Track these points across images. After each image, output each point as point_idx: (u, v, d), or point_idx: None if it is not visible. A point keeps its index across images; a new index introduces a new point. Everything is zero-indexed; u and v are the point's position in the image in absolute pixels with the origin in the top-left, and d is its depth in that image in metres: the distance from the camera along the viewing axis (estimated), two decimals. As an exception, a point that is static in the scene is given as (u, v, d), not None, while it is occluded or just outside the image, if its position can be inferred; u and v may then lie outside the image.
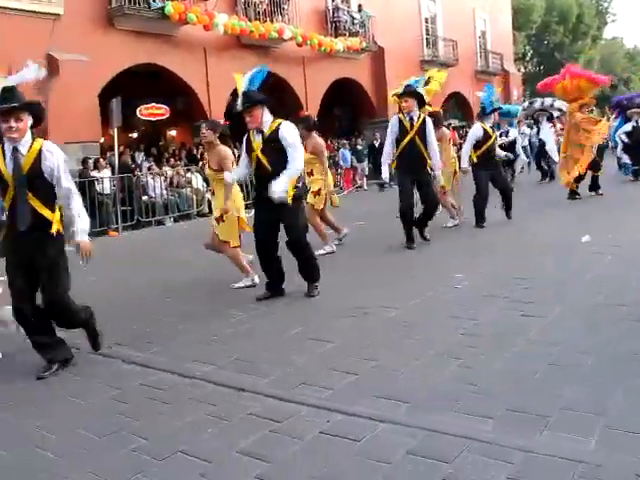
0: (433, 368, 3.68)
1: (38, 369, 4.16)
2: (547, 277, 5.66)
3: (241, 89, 5.53)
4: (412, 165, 7.62)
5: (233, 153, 6.66)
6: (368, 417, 3.08)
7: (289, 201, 5.40)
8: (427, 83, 10.68)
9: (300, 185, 5.82)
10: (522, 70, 42.38)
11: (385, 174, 7.95)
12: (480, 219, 9.01)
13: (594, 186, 11.74)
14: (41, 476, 2.80)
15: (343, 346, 4.22)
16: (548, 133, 15.99)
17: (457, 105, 29.77)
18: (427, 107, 9.32)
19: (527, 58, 46.92)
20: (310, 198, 7.73)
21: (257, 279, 6.22)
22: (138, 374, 4.06)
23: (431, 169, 7.75)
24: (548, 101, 17.06)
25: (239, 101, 5.50)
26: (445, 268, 6.41)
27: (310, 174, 7.83)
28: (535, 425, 2.86)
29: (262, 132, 5.45)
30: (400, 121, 7.71)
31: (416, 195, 7.95)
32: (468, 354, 3.85)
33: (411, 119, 7.64)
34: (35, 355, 4.29)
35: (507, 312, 4.70)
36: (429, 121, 7.75)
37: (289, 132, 5.42)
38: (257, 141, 5.50)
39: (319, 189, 7.84)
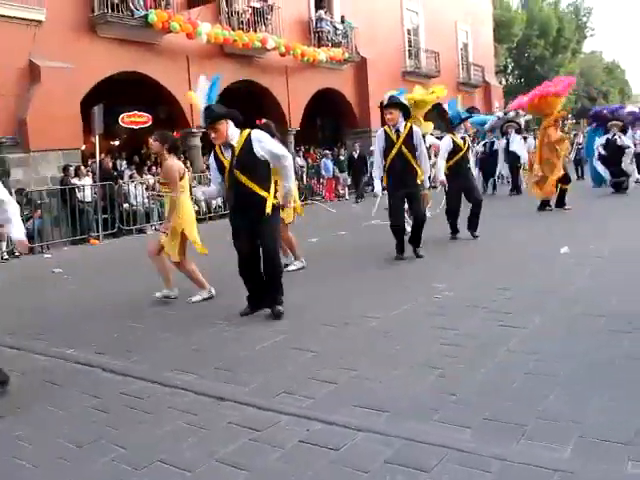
0: (413, 378, 3.71)
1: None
2: (527, 288, 5.72)
3: (201, 105, 5.36)
4: (402, 177, 7.46)
5: (185, 164, 6.69)
6: (347, 426, 3.09)
7: (268, 210, 5.25)
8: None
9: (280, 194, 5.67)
10: (503, 82, 42.88)
11: (377, 188, 7.73)
12: (453, 230, 9.08)
13: (561, 201, 11.61)
14: (18, 485, 2.78)
15: (323, 355, 4.24)
16: (520, 145, 16.08)
17: (439, 116, 30.01)
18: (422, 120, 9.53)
19: (508, 70, 47.49)
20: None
21: (214, 291, 6.27)
22: (118, 383, 4.04)
23: (421, 181, 7.74)
24: (521, 112, 17.25)
25: (201, 118, 5.37)
26: (426, 278, 6.45)
27: (276, 183, 7.58)
28: (512, 434, 2.89)
29: (231, 147, 5.27)
30: (386, 133, 7.57)
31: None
32: (448, 364, 3.88)
33: (397, 131, 7.47)
34: (14, 363, 4.25)
35: (487, 322, 4.74)
36: (417, 130, 7.60)
37: (262, 139, 5.27)
38: (227, 158, 5.31)
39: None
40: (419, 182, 7.64)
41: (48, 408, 3.68)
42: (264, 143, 5.27)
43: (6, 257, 11.39)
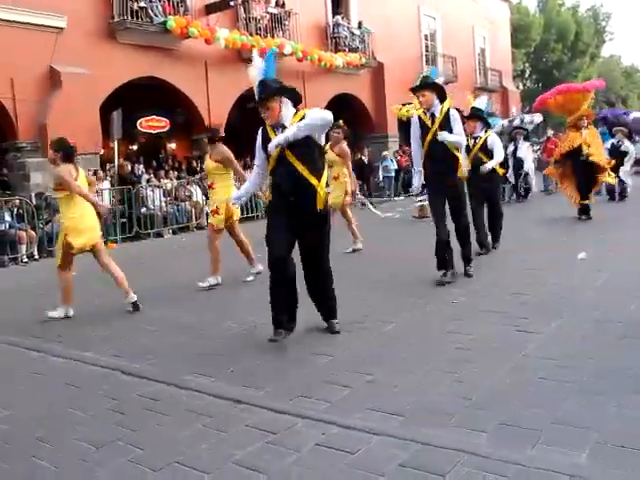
0: (428, 382, 3.71)
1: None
2: (543, 293, 5.70)
3: (257, 79, 4.77)
4: (440, 169, 6.49)
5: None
6: (363, 430, 3.11)
7: (320, 206, 4.66)
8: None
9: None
10: (521, 87, 42.69)
11: (416, 183, 6.95)
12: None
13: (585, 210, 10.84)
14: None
15: (340, 360, 4.25)
16: (527, 152, 15.83)
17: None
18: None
19: (526, 75, 47.29)
20: (209, 217, 7.30)
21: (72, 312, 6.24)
22: (135, 385, 4.09)
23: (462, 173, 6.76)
24: (527, 118, 16.92)
25: (256, 92, 4.78)
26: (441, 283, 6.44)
27: (211, 187, 7.31)
28: (528, 439, 2.89)
29: (284, 128, 4.65)
30: (420, 119, 6.63)
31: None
32: (463, 369, 3.88)
33: (432, 115, 6.52)
34: (33, 365, 4.31)
35: (503, 327, 4.73)
36: (454, 112, 6.62)
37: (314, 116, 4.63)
38: None
39: (217, 208, 7.11)
40: (459, 175, 6.61)
41: (68, 410, 3.73)
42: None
43: (26, 260, 11.52)
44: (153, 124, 17.31)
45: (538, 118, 17.14)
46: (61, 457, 3.09)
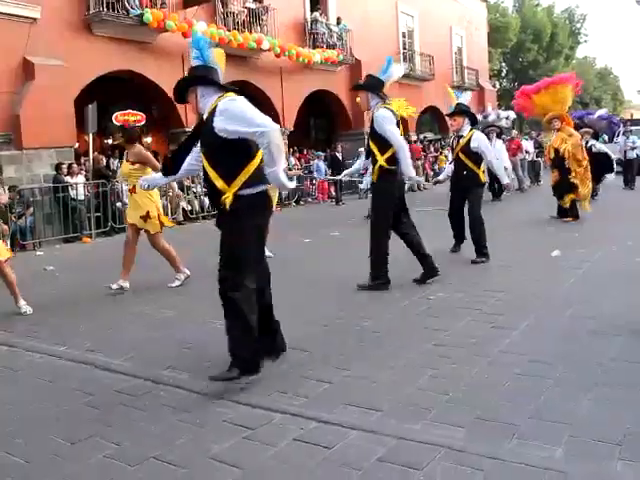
0: (406, 377, 3.73)
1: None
2: (517, 290, 5.76)
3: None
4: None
5: None
6: (341, 425, 3.11)
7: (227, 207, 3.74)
8: None
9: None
10: (497, 86, 43.07)
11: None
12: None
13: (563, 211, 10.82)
14: (10, 476, 2.78)
15: (317, 355, 4.25)
16: (501, 150, 15.36)
17: (432, 119, 30.19)
18: None
19: (502, 74, 47.73)
20: (140, 224, 6.83)
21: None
22: (111, 380, 4.04)
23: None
24: (503, 114, 16.69)
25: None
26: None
27: (133, 192, 6.84)
28: (504, 433, 2.92)
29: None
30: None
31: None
32: (440, 364, 3.91)
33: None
34: (6, 360, 4.24)
35: (479, 324, 4.77)
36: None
37: (230, 107, 3.71)
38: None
39: (148, 212, 6.78)
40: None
41: (40, 405, 3.67)
42: (232, 110, 3.71)
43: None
44: (129, 118, 17.08)
45: (513, 114, 17.12)
46: (33, 452, 3.05)
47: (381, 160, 6.06)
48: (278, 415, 3.30)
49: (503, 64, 46.42)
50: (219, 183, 3.77)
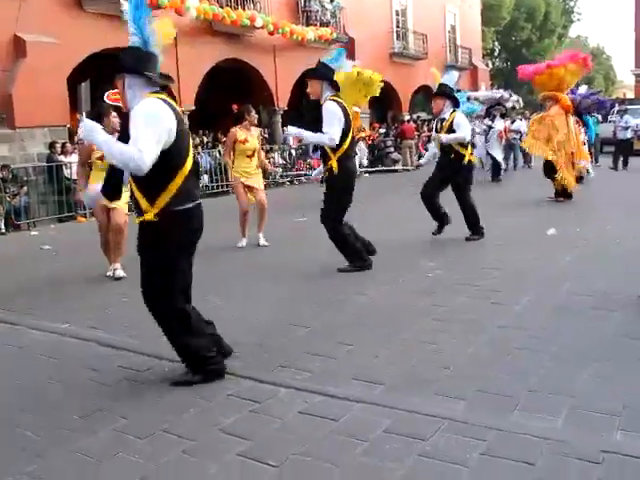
0: (407, 352, 3.80)
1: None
2: (515, 268, 5.82)
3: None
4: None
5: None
6: (345, 398, 3.17)
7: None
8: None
9: None
10: (490, 65, 42.91)
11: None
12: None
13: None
14: (22, 454, 2.82)
15: (320, 331, 4.31)
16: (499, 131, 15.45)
17: (426, 99, 30.08)
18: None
19: (495, 54, 47.52)
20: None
21: None
22: (115, 356, 4.08)
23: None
24: (506, 95, 16.43)
25: None
26: (417, 257, 6.53)
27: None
28: (506, 405, 2.99)
29: None
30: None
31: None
32: (441, 339, 3.98)
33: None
34: (9, 338, 4.27)
35: (477, 300, 4.84)
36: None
37: (135, 110, 3.38)
38: None
39: None
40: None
41: (48, 381, 3.71)
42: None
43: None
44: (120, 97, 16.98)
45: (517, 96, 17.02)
46: (44, 427, 3.09)
47: (333, 160, 5.87)
48: (283, 389, 3.35)
49: (496, 43, 46.19)
50: (143, 203, 3.40)
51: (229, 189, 16.22)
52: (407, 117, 25.12)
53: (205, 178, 16.41)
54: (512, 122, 17.30)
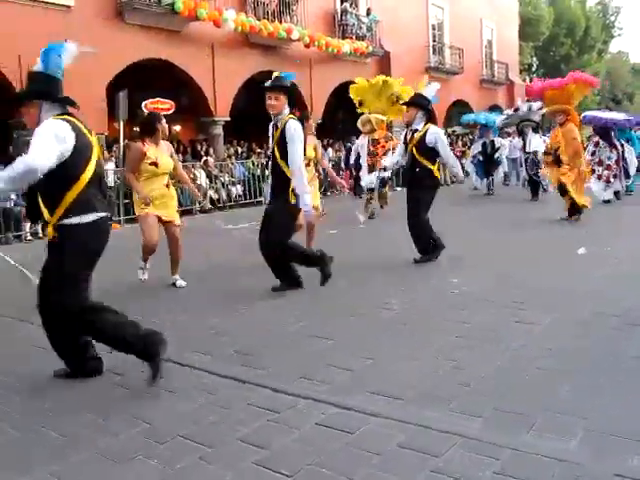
0: (428, 368, 3.81)
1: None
2: (543, 286, 5.78)
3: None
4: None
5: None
6: (362, 411, 3.20)
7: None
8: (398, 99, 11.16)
9: None
10: (527, 81, 42.57)
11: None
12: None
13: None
14: (46, 454, 2.92)
15: (341, 343, 4.35)
16: (540, 144, 14.29)
17: (461, 113, 30.00)
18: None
19: (533, 69, 47.15)
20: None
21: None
22: (139, 362, 4.14)
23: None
24: (535, 105, 15.90)
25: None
26: (443, 273, 6.54)
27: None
28: (522, 425, 2.99)
29: None
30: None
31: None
32: (462, 356, 3.98)
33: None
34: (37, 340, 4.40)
35: (501, 317, 4.83)
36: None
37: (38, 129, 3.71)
38: None
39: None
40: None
41: (74, 385, 3.82)
42: None
43: (29, 237, 11.62)
44: (158, 106, 17.25)
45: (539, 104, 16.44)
46: (68, 427, 3.19)
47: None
48: (302, 400, 3.40)
49: (534, 58, 45.84)
50: (45, 214, 3.68)
51: (262, 199, 16.43)
52: (449, 130, 25.07)
53: (238, 188, 16.62)
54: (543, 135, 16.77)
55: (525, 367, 3.73)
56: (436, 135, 7.06)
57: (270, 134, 5.73)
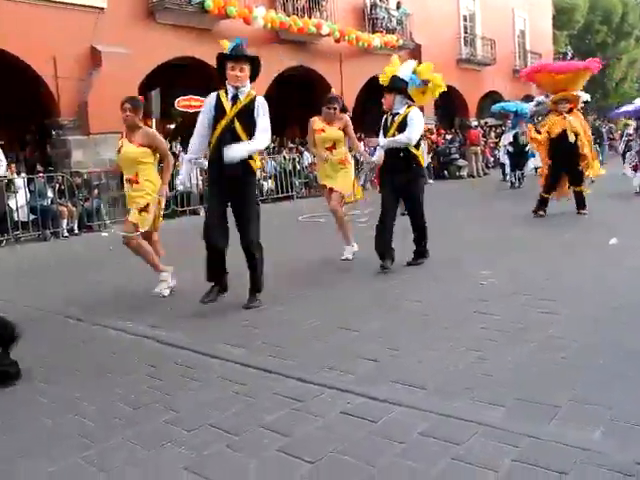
0: (451, 358, 3.83)
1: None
2: (572, 277, 5.74)
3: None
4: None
5: None
6: (386, 400, 3.25)
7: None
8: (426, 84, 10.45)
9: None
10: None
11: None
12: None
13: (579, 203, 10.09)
14: (79, 440, 3.03)
15: (367, 335, 4.39)
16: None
17: (493, 104, 29.68)
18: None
19: (567, 58, 46.27)
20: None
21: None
22: (172, 354, 4.28)
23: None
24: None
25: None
26: (472, 265, 6.52)
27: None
28: (544, 414, 2.99)
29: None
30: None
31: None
32: (486, 347, 3.99)
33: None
34: (76, 332, 4.54)
35: (528, 309, 4.80)
36: (413, 116, 6.50)
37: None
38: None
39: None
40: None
41: (107, 374, 3.95)
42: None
43: (66, 234, 11.90)
44: (190, 103, 17.51)
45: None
46: (99, 416, 3.30)
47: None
48: (327, 390, 3.45)
49: (568, 47, 44.97)
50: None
51: (293, 194, 16.54)
52: (475, 123, 24.84)
53: (270, 183, 16.75)
54: None
55: (550, 358, 3.72)
56: (413, 116, 6.49)
57: (229, 106, 5.29)
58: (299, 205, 15.49)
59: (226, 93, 5.35)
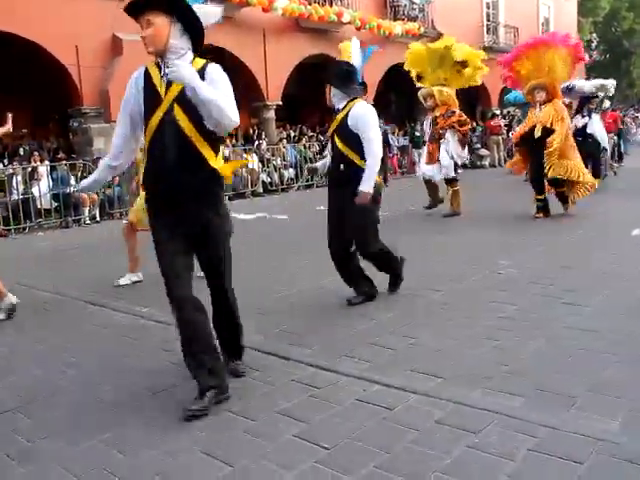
0: (469, 348, 3.82)
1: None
2: (592, 267, 5.69)
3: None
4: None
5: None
6: (402, 388, 3.26)
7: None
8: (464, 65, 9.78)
9: None
10: (587, 58, 41.16)
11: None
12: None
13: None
14: (100, 423, 3.08)
15: (385, 324, 4.40)
16: (600, 126, 13.30)
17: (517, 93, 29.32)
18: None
19: (593, 46, 45.58)
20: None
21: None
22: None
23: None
24: (587, 86, 13.67)
25: None
26: (491, 254, 6.48)
27: None
28: (562, 405, 2.98)
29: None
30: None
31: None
32: (505, 336, 3.98)
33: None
34: (95, 317, 4.60)
35: (548, 299, 4.78)
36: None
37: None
38: None
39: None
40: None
41: (126, 359, 4.00)
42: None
43: (88, 222, 12.03)
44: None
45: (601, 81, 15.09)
46: (119, 399, 3.36)
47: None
48: (343, 377, 3.47)
49: (594, 35, 44.26)
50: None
51: (314, 182, 16.51)
52: (497, 112, 24.56)
53: (290, 171, 16.76)
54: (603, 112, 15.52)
55: (569, 348, 3.70)
56: (359, 116, 4.71)
57: (164, 87, 3.39)
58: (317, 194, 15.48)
59: (159, 69, 3.42)
